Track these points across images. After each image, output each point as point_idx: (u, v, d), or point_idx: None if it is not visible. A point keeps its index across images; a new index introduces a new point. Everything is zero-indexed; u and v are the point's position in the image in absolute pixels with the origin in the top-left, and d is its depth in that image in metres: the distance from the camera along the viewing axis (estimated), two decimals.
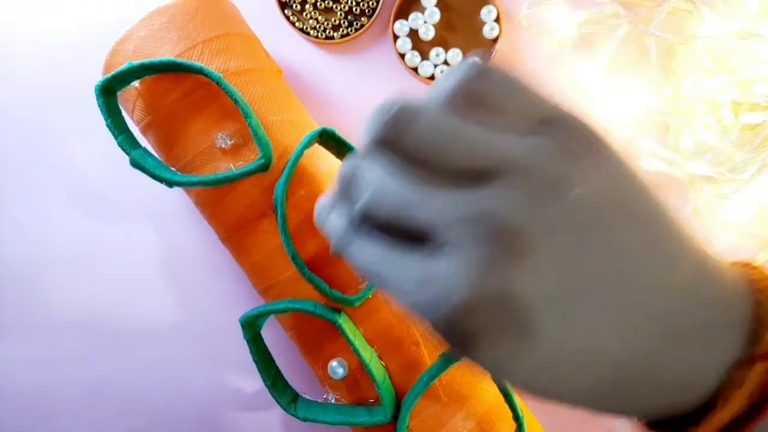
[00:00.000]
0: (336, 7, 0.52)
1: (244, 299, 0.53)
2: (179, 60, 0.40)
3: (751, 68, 0.49)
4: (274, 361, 0.45)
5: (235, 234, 0.44)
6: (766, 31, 0.47)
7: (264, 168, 0.41)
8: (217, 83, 0.39)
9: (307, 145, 0.40)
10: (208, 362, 0.54)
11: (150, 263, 0.54)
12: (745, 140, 0.49)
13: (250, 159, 0.42)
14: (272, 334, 0.48)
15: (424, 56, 0.53)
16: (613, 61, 0.53)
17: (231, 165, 0.41)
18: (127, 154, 0.41)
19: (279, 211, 0.40)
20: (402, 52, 0.53)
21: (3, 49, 0.55)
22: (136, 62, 0.40)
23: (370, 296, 0.41)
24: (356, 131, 0.52)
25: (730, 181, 0.49)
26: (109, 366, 0.54)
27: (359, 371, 0.43)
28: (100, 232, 0.54)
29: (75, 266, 0.54)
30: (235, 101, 0.39)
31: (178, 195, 0.52)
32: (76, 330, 0.54)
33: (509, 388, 0.42)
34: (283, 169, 0.41)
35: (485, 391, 0.43)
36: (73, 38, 0.54)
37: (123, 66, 0.40)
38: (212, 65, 0.42)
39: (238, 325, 0.43)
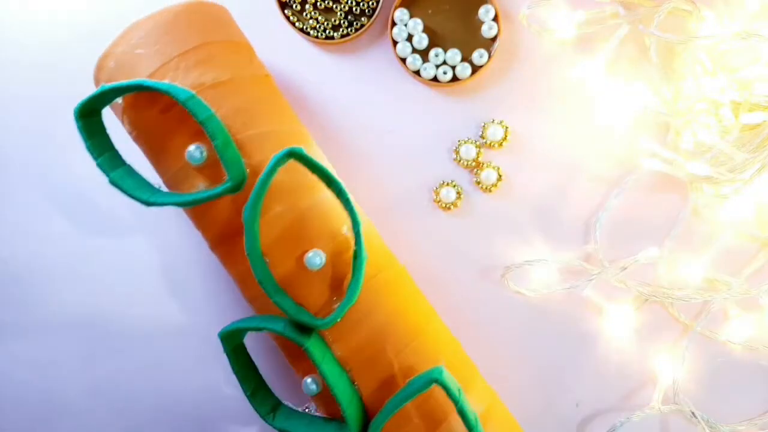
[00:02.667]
0: (336, 7, 0.52)
1: (240, 301, 0.53)
2: (147, 81, 0.40)
3: (751, 68, 0.48)
4: (256, 369, 0.46)
5: (219, 246, 0.44)
6: (766, 31, 0.46)
7: (234, 190, 0.40)
8: (183, 105, 0.39)
9: (275, 167, 0.39)
10: (208, 362, 0.55)
11: (149, 265, 0.55)
12: (745, 140, 0.48)
13: (225, 176, 0.41)
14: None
15: (425, 58, 0.52)
16: (613, 61, 0.52)
17: (202, 184, 0.41)
18: (107, 175, 0.42)
19: (247, 236, 0.39)
20: (402, 56, 0.52)
21: None
22: (107, 85, 0.40)
23: (340, 320, 0.40)
24: (356, 131, 0.52)
25: (730, 181, 0.49)
26: (109, 366, 0.55)
27: None
28: (100, 233, 0.55)
29: (75, 267, 0.55)
30: (201, 123, 0.39)
31: None
32: (76, 330, 0.55)
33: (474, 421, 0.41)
34: None
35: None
36: (71, 40, 0.55)
37: (96, 90, 0.40)
38: (187, 80, 0.41)
39: None
